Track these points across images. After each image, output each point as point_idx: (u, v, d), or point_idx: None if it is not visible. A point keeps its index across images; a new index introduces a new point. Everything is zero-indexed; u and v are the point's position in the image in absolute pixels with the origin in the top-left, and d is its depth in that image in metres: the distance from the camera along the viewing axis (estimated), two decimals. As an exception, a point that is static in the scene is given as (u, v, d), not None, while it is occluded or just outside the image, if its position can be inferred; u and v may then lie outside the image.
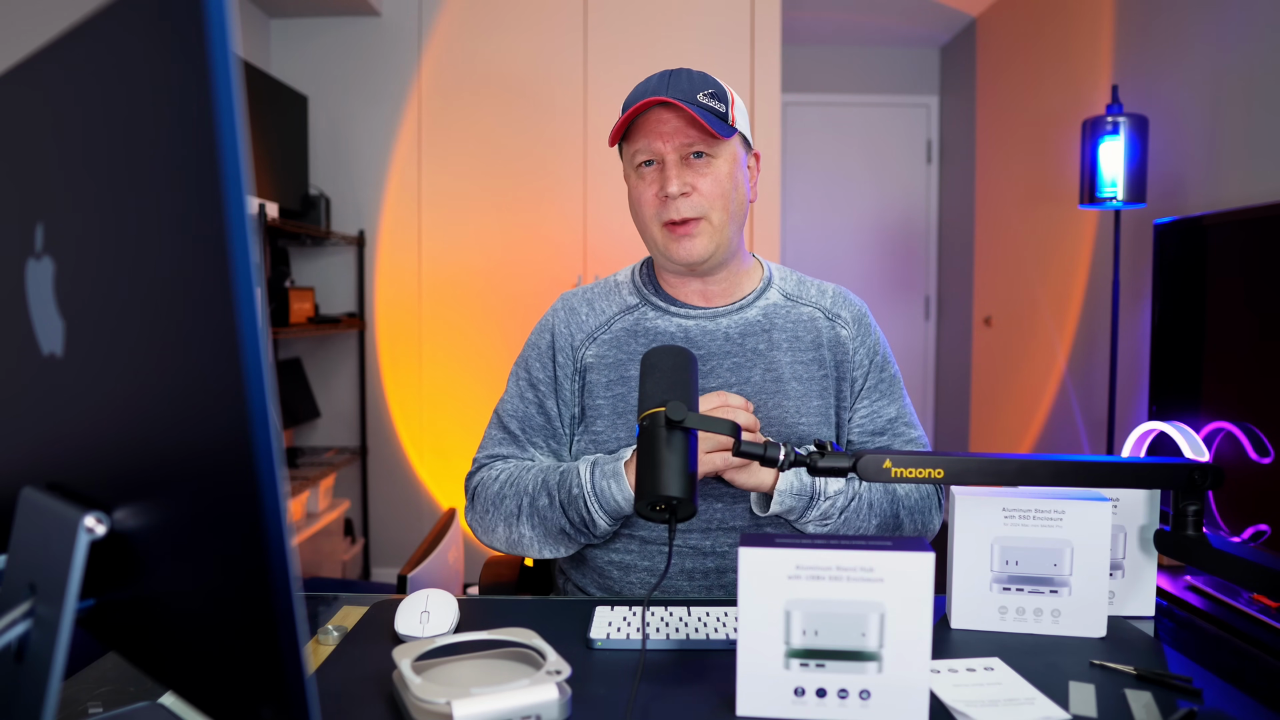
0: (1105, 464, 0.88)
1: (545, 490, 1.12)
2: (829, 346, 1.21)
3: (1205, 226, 2.06)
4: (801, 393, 1.19)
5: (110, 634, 0.58)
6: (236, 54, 0.40)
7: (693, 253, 1.14)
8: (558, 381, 1.22)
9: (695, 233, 1.14)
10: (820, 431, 1.19)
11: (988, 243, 3.86)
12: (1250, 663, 0.88)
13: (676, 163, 1.13)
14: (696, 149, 1.13)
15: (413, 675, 0.73)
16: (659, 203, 1.14)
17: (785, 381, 1.18)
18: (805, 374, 1.20)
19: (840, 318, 1.23)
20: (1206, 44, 2.34)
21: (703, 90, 1.12)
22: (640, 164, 1.16)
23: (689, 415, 0.83)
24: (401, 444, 3.39)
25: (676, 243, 1.14)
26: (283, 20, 3.32)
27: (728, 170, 1.15)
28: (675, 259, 1.15)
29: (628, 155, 1.18)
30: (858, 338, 1.23)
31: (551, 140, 3.30)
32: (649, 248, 1.20)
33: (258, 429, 0.40)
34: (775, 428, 1.17)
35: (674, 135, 1.12)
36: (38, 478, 0.58)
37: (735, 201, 1.16)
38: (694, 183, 1.13)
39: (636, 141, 1.15)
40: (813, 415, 1.19)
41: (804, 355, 1.20)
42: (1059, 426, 3.18)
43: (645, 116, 1.14)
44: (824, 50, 4.43)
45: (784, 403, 1.18)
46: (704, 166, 1.13)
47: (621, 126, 1.14)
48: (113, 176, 0.48)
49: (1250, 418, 1.82)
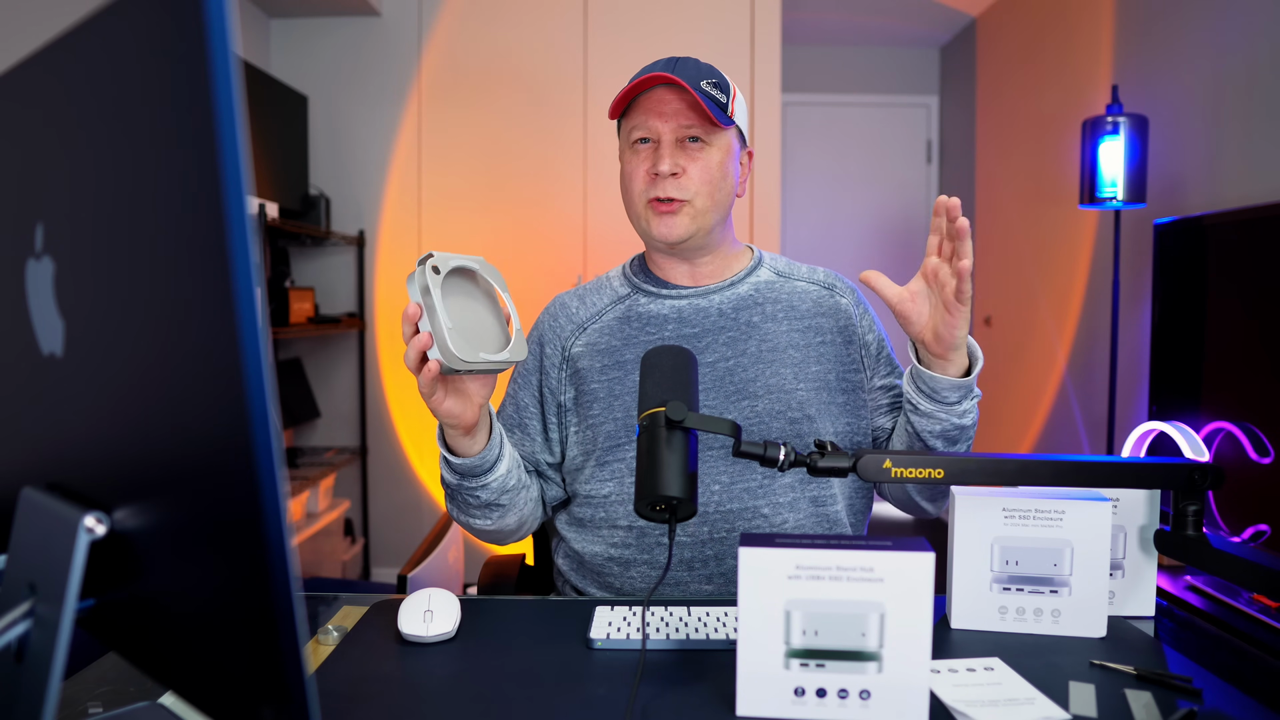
0: (1105, 464, 0.88)
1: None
2: (829, 314, 1.22)
3: (1205, 226, 2.06)
4: (799, 359, 1.19)
5: (110, 634, 0.58)
6: (236, 54, 0.40)
7: (672, 231, 1.16)
8: (544, 371, 1.24)
9: (678, 212, 1.16)
10: (819, 397, 1.18)
11: (988, 243, 3.86)
12: (1250, 663, 0.88)
13: (671, 143, 1.15)
14: (693, 133, 1.14)
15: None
16: (648, 179, 1.16)
17: (782, 350, 1.19)
18: (803, 341, 1.20)
19: (836, 288, 1.26)
20: (1206, 44, 2.34)
21: (707, 79, 1.14)
22: (636, 140, 1.17)
23: (689, 415, 0.83)
24: (401, 444, 3.39)
25: (658, 219, 1.16)
26: (283, 20, 3.32)
27: (719, 159, 1.16)
28: (655, 236, 1.18)
29: (625, 131, 1.20)
30: (858, 306, 1.25)
31: (551, 140, 3.30)
32: (634, 224, 1.22)
33: (258, 429, 0.40)
34: (774, 394, 1.17)
35: (673, 116, 1.14)
36: (38, 478, 0.58)
37: (722, 191, 1.17)
38: (685, 165, 1.15)
39: (635, 118, 1.17)
40: (811, 381, 1.19)
41: (800, 323, 1.21)
42: (1059, 426, 3.18)
43: (647, 95, 1.15)
44: (824, 50, 4.43)
45: (781, 370, 1.18)
46: (697, 151, 1.15)
47: (622, 99, 1.16)
48: (113, 176, 0.48)
49: (1250, 418, 1.82)
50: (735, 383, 1.18)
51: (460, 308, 0.99)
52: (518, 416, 1.25)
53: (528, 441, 1.24)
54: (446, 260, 0.97)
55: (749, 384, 1.17)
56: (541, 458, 1.24)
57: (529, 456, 1.24)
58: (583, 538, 1.21)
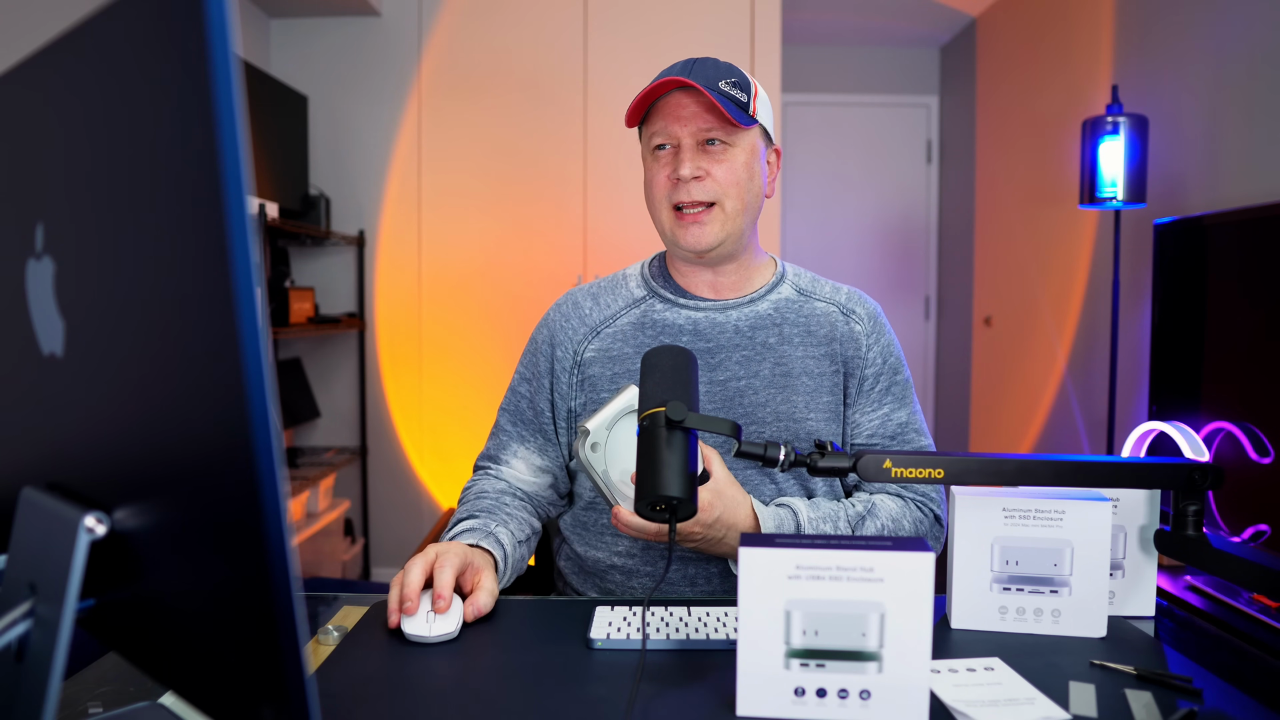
0: (1105, 464, 0.88)
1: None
2: (841, 341, 1.19)
3: (1205, 226, 2.06)
4: (811, 388, 1.17)
5: (110, 634, 0.58)
6: (236, 54, 0.40)
7: (701, 240, 1.13)
8: (554, 375, 1.21)
9: (705, 220, 1.12)
10: (829, 427, 1.17)
11: (988, 243, 3.86)
12: (1250, 663, 0.88)
13: (692, 147, 1.12)
14: (713, 135, 1.11)
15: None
16: (670, 185, 1.13)
17: (795, 376, 1.17)
18: (816, 369, 1.18)
19: (855, 314, 1.21)
20: (1206, 44, 2.34)
21: (726, 79, 1.11)
22: (656, 147, 1.15)
23: (689, 415, 0.83)
24: (401, 444, 3.39)
25: (685, 229, 1.13)
26: (283, 20, 3.32)
27: (744, 160, 1.13)
28: (683, 245, 1.14)
29: (645, 138, 1.17)
30: (872, 335, 1.21)
31: (552, 140, 3.30)
32: (660, 233, 1.19)
33: (258, 429, 0.40)
34: (783, 422, 1.15)
35: (691, 120, 1.11)
36: (38, 478, 0.58)
37: (750, 192, 1.15)
38: (708, 168, 1.12)
39: (654, 124, 1.14)
40: (822, 411, 1.17)
41: (816, 350, 1.19)
42: (1059, 426, 3.18)
43: (665, 100, 1.13)
44: (824, 50, 4.43)
45: (793, 397, 1.16)
46: (720, 153, 1.12)
47: (637, 104, 1.13)
48: (113, 176, 0.48)
49: (1250, 418, 1.82)
50: (745, 405, 1.16)
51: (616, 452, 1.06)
52: (537, 422, 1.22)
53: (550, 448, 1.22)
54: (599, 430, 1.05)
55: (759, 408, 1.15)
56: (564, 461, 1.23)
57: (554, 462, 1.22)
58: (586, 542, 1.21)
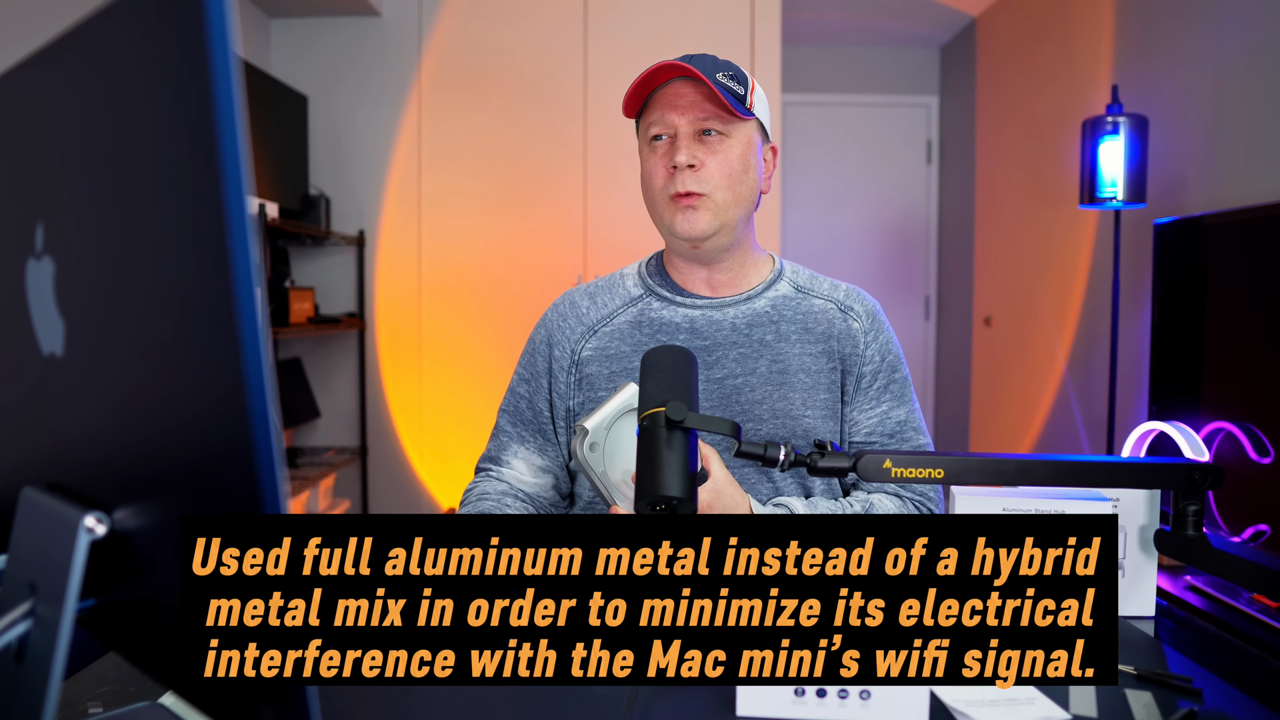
0: (1105, 464, 0.88)
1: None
2: (839, 338, 1.19)
3: (1205, 226, 2.06)
4: (809, 385, 1.17)
5: (110, 634, 0.58)
6: (236, 54, 0.40)
7: (694, 227, 1.12)
8: (553, 375, 1.21)
9: (698, 206, 1.12)
10: (827, 425, 1.17)
11: (988, 243, 3.86)
12: (1250, 663, 0.88)
13: (689, 135, 1.11)
14: (710, 125, 1.11)
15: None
16: (667, 175, 1.13)
17: (792, 373, 1.16)
18: (814, 366, 1.17)
19: (853, 311, 1.21)
20: (1206, 44, 2.34)
21: (724, 71, 1.11)
22: (653, 137, 1.15)
23: (689, 415, 0.83)
24: (401, 444, 3.39)
25: (680, 214, 1.13)
26: (283, 20, 3.32)
27: (739, 152, 1.13)
28: (677, 232, 1.14)
29: (642, 129, 1.17)
30: (870, 332, 1.20)
31: (552, 140, 3.30)
32: (657, 226, 1.18)
33: (258, 429, 0.40)
34: (780, 420, 1.15)
35: (689, 109, 1.11)
36: (38, 478, 0.58)
37: (744, 185, 1.14)
38: (703, 158, 1.11)
39: (651, 114, 1.14)
40: (819, 408, 1.16)
41: (813, 347, 1.18)
42: (1059, 426, 3.18)
43: (662, 90, 1.13)
44: (824, 50, 4.43)
45: (790, 395, 1.16)
46: (716, 144, 1.12)
47: (635, 91, 1.12)
48: (113, 176, 0.48)
49: (1250, 418, 1.82)
50: (742, 403, 1.15)
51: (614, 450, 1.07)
52: (536, 422, 1.22)
53: (550, 448, 1.22)
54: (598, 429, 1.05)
55: (755, 406, 1.15)
56: (564, 461, 1.23)
57: (554, 462, 1.22)
58: None
